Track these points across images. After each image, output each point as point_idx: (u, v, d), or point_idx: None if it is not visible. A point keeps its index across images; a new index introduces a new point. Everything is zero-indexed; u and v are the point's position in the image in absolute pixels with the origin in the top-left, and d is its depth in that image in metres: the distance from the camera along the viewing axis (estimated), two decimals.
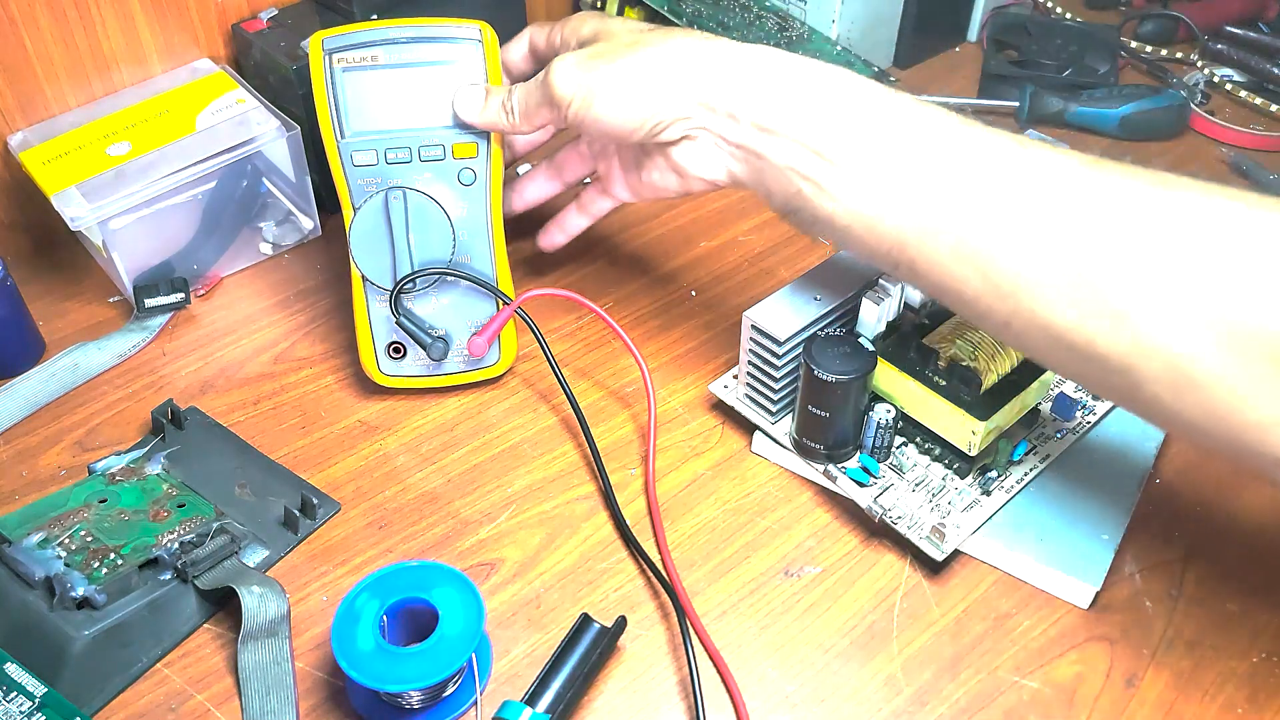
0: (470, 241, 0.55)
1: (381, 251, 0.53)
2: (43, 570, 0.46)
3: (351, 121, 0.53)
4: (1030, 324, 0.39)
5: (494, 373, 0.57)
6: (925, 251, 0.41)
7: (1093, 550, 0.49)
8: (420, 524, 0.51)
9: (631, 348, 0.54)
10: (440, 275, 0.54)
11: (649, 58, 0.47)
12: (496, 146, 0.54)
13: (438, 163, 0.53)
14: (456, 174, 0.54)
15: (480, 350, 0.55)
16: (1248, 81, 0.81)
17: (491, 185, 0.54)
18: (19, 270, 0.63)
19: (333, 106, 0.52)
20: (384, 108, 0.53)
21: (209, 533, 0.48)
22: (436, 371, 0.56)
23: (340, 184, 0.53)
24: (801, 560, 0.50)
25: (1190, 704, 0.44)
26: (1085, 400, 0.54)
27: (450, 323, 0.55)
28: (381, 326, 0.55)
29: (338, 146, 0.53)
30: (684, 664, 0.45)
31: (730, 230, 0.68)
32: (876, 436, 0.50)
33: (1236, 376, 0.35)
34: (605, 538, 0.51)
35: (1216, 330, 0.35)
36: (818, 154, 0.43)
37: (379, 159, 0.53)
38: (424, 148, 0.53)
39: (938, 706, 0.44)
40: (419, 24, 0.52)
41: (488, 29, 0.53)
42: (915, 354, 0.50)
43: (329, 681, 0.45)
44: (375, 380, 0.56)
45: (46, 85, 0.61)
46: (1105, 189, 0.38)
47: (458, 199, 0.54)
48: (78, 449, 0.55)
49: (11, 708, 0.42)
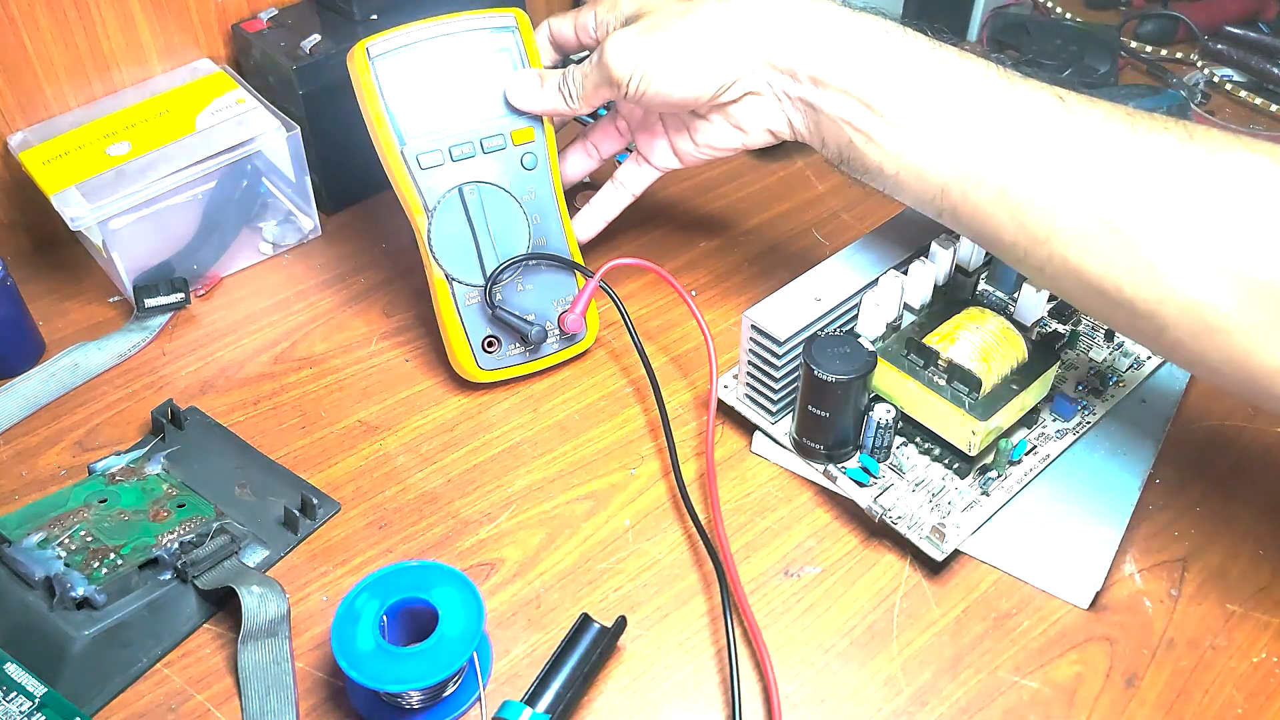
0: (544, 224, 0.56)
1: (464, 249, 0.54)
2: (43, 570, 0.46)
3: (410, 126, 0.52)
4: (1063, 269, 0.42)
5: (583, 347, 0.58)
6: (969, 200, 0.44)
7: (1093, 550, 0.49)
8: (420, 524, 0.51)
9: (694, 310, 0.55)
10: (526, 261, 0.55)
11: (703, 23, 0.49)
12: (549, 126, 0.55)
13: (500, 152, 0.54)
14: (520, 160, 0.54)
15: (577, 325, 0.56)
16: (1248, 81, 0.81)
17: (552, 166, 0.55)
18: (19, 270, 0.63)
19: (388, 114, 0.52)
20: (438, 106, 0.53)
21: (209, 533, 0.48)
22: (535, 356, 0.57)
23: (407, 190, 0.53)
24: (801, 560, 0.50)
25: (1190, 704, 0.44)
26: (1085, 400, 0.54)
27: (537, 306, 0.56)
28: (475, 323, 0.55)
29: (401, 154, 0.52)
30: (721, 634, 0.46)
31: (730, 230, 0.68)
32: (876, 436, 0.50)
33: (1254, 324, 0.38)
34: (606, 537, 0.51)
35: (1236, 281, 0.38)
36: (868, 106, 0.46)
37: (445, 158, 0.53)
38: (485, 139, 0.53)
39: (938, 706, 0.44)
40: (453, 19, 0.52)
41: (521, 15, 0.54)
42: (915, 354, 0.50)
43: (329, 681, 0.45)
44: (473, 378, 0.56)
45: (46, 85, 0.61)
46: (1136, 144, 0.41)
47: (525, 184, 0.55)
48: (78, 449, 0.55)
49: (11, 708, 0.42)
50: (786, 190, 0.72)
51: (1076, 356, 0.57)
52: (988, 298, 0.60)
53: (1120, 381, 0.55)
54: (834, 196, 0.71)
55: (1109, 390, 0.55)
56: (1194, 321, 0.39)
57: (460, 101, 0.53)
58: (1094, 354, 0.57)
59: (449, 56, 0.53)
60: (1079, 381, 0.56)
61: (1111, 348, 0.57)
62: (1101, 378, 0.55)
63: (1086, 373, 0.56)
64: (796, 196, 0.71)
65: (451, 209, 0.53)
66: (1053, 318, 0.58)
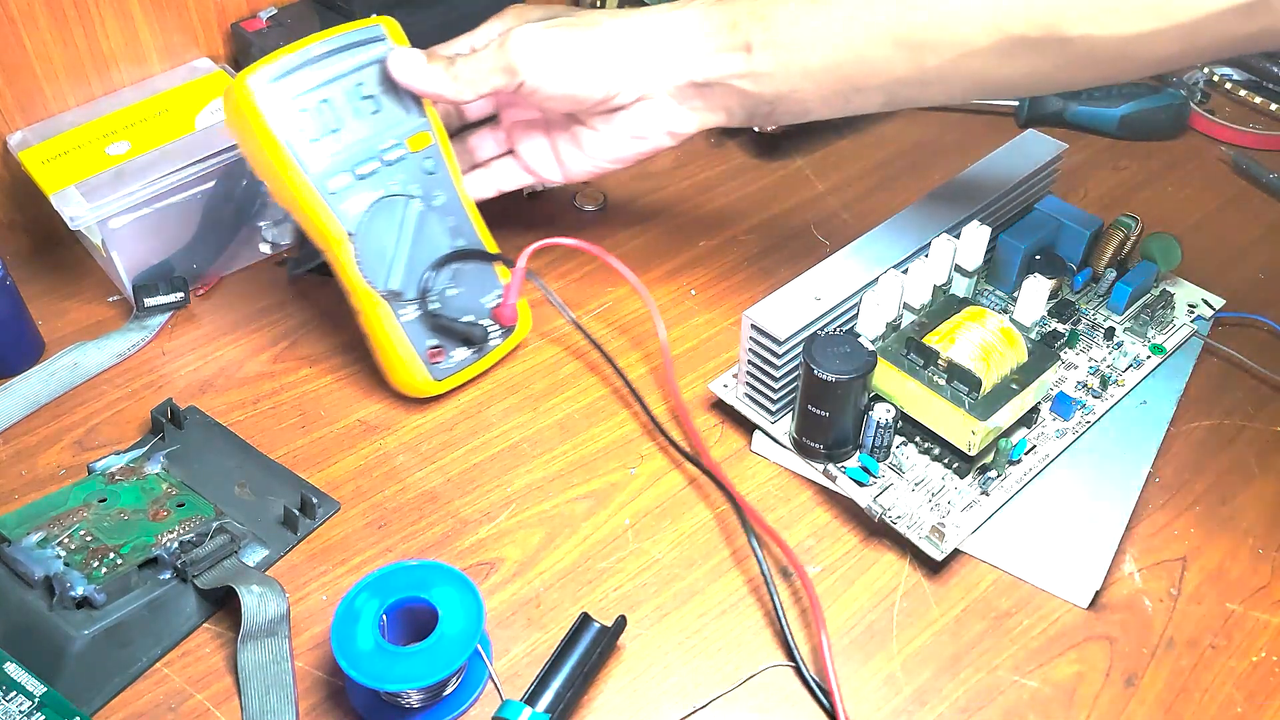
0: (458, 225, 0.56)
1: (391, 266, 0.53)
2: (42, 570, 0.46)
3: (309, 153, 0.51)
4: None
5: (520, 336, 0.59)
6: (869, 60, 0.48)
7: (1092, 549, 0.49)
8: (420, 523, 0.51)
9: (627, 274, 0.56)
10: (451, 262, 0.55)
11: (605, 30, 0.52)
12: (439, 126, 0.55)
13: (402, 161, 0.53)
14: (421, 166, 0.54)
15: (512, 317, 0.56)
16: (1247, 80, 0.81)
17: (451, 167, 0.55)
18: (19, 270, 0.63)
19: (285, 145, 0.50)
20: (329, 127, 0.51)
21: (208, 532, 0.48)
22: (480, 355, 0.57)
23: (316, 220, 0.51)
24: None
25: (1190, 704, 0.44)
26: (1085, 400, 0.54)
27: (471, 306, 0.56)
28: (417, 337, 0.54)
29: (308, 183, 0.51)
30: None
31: (730, 230, 0.68)
32: (876, 436, 0.50)
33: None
34: (605, 536, 0.51)
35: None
36: (738, 51, 0.50)
37: (352, 178, 0.52)
38: (384, 151, 0.53)
39: (937, 706, 0.44)
40: (323, 37, 0.51)
41: (391, 23, 0.53)
42: (915, 354, 0.50)
43: (329, 681, 0.45)
44: (425, 393, 0.56)
45: (45, 84, 0.61)
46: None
47: (432, 189, 0.55)
48: (77, 448, 0.55)
49: (11, 707, 0.42)
50: (786, 190, 0.72)
51: (1076, 356, 0.57)
52: (987, 297, 0.60)
53: (1120, 381, 0.55)
54: (834, 196, 0.71)
55: (1109, 390, 0.55)
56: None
57: (349, 119, 0.52)
58: (1094, 354, 0.57)
59: (327, 75, 0.51)
60: (1079, 381, 0.56)
61: (1111, 347, 0.57)
62: (1101, 378, 0.55)
63: (1086, 372, 0.56)
64: (796, 196, 0.71)
65: (372, 228, 0.52)
66: (1053, 317, 0.58)
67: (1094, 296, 0.60)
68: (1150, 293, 0.60)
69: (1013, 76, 0.47)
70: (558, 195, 0.70)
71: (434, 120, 0.55)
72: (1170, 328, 0.58)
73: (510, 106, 0.59)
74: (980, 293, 0.60)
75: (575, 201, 0.70)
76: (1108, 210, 0.70)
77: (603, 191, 0.71)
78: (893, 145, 0.76)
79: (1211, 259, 0.65)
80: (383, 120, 0.53)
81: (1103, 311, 0.59)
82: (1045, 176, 0.62)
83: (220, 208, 0.62)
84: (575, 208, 0.69)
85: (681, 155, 0.74)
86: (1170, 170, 0.74)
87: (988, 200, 0.58)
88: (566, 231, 0.67)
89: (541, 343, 0.60)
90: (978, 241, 0.55)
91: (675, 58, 0.51)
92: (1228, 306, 0.60)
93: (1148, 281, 0.59)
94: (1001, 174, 0.59)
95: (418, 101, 0.54)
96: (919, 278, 0.53)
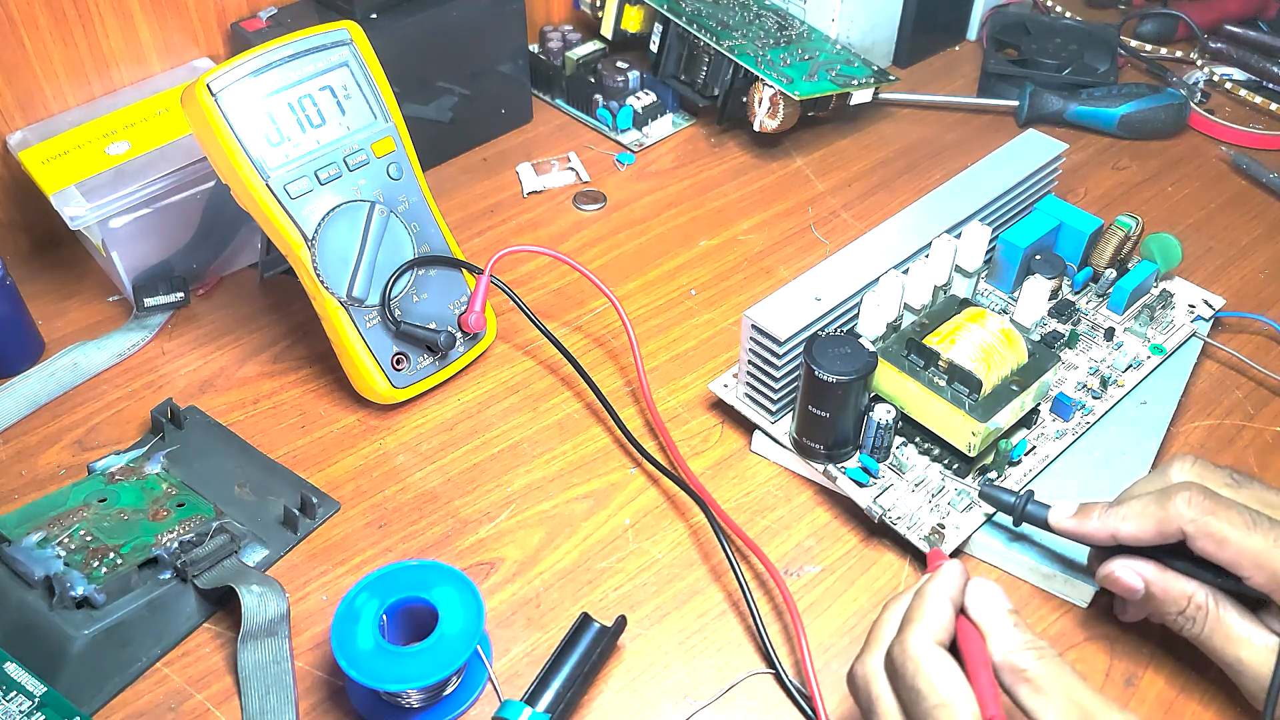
0: (423, 231, 0.56)
1: (353, 271, 0.53)
2: (42, 570, 0.46)
3: (270, 157, 0.51)
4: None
5: (486, 344, 0.59)
6: None
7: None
8: (420, 523, 0.51)
9: (596, 282, 0.56)
10: (416, 268, 0.55)
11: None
12: (404, 132, 0.55)
13: (365, 166, 0.53)
14: (385, 171, 0.54)
15: (479, 324, 0.56)
16: (1247, 80, 0.81)
17: (416, 172, 0.55)
18: (19, 270, 0.63)
19: (243, 149, 0.50)
20: (292, 132, 0.51)
21: (208, 532, 0.48)
22: (445, 364, 0.57)
23: (280, 224, 0.51)
24: (801, 559, 0.50)
25: (1190, 704, 0.44)
26: (1084, 401, 0.54)
27: (436, 313, 0.56)
28: (380, 343, 0.54)
29: (267, 187, 0.51)
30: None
31: (730, 230, 0.68)
32: (876, 436, 0.50)
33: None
34: (605, 536, 0.51)
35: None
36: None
37: (314, 183, 0.52)
38: (348, 156, 0.53)
39: None
40: (286, 41, 0.51)
41: (355, 27, 0.53)
42: (915, 354, 0.50)
43: (329, 681, 0.45)
44: (386, 400, 0.55)
45: (45, 84, 0.61)
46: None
47: (396, 194, 0.54)
48: (77, 448, 0.55)
49: (11, 707, 0.42)
50: (786, 190, 0.72)
51: (1076, 357, 0.57)
52: (987, 298, 0.60)
53: (1120, 382, 0.55)
54: (834, 196, 0.71)
55: (1109, 390, 0.55)
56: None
57: (312, 123, 0.52)
58: (1094, 354, 0.57)
59: (290, 79, 0.51)
60: (1079, 382, 0.56)
61: (1111, 348, 0.57)
62: (1101, 378, 0.55)
63: (1086, 373, 0.56)
64: (796, 196, 0.71)
65: (332, 233, 0.52)
66: (1052, 317, 0.58)
67: (1094, 296, 0.60)
68: (1150, 293, 0.60)
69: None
70: (558, 195, 0.70)
71: (399, 125, 0.54)
72: (1170, 328, 0.58)
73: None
74: (980, 293, 0.60)
75: (575, 202, 0.70)
76: (1108, 210, 0.70)
77: (603, 191, 0.71)
78: (893, 145, 0.76)
79: (1211, 259, 0.65)
80: (346, 124, 0.53)
81: (1103, 311, 0.59)
82: (1045, 176, 0.62)
83: (220, 208, 0.62)
84: (575, 208, 0.69)
85: (681, 155, 0.74)
86: (1170, 170, 0.74)
87: (988, 200, 0.58)
88: (567, 232, 0.68)
89: (541, 343, 0.60)
90: (978, 241, 0.55)
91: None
92: (1228, 306, 0.60)
93: (1148, 281, 0.59)
94: (1001, 174, 0.59)
95: (383, 106, 0.54)
96: (919, 278, 0.53)
